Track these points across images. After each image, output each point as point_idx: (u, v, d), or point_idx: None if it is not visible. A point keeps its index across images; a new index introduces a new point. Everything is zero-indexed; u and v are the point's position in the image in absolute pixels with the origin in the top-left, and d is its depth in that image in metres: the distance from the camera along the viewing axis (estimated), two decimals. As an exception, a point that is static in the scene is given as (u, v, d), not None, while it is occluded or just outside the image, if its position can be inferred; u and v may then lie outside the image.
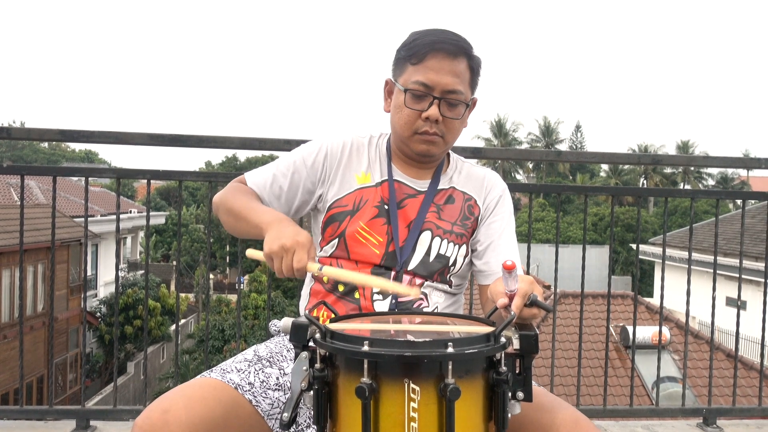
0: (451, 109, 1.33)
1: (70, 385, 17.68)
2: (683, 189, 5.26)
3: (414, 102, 1.32)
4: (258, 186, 1.40)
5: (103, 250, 21.15)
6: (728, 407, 2.71)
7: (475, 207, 1.42)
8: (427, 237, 1.35)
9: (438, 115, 1.31)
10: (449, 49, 1.31)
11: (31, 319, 15.16)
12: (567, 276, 11.46)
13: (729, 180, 44.05)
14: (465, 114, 1.37)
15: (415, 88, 1.31)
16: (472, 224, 1.40)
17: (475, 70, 1.36)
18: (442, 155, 1.42)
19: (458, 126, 1.36)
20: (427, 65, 1.31)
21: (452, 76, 1.31)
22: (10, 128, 2.41)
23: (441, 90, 1.31)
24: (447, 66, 1.31)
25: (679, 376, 8.48)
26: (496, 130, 48.00)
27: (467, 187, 1.44)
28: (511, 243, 1.43)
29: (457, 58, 1.32)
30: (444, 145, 1.36)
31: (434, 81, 1.30)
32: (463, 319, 1.11)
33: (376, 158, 1.42)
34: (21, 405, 2.36)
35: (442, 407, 0.83)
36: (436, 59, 1.31)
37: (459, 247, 1.37)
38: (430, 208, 1.38)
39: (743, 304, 2.64)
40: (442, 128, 1.33)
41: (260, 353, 1.31)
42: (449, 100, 1.32)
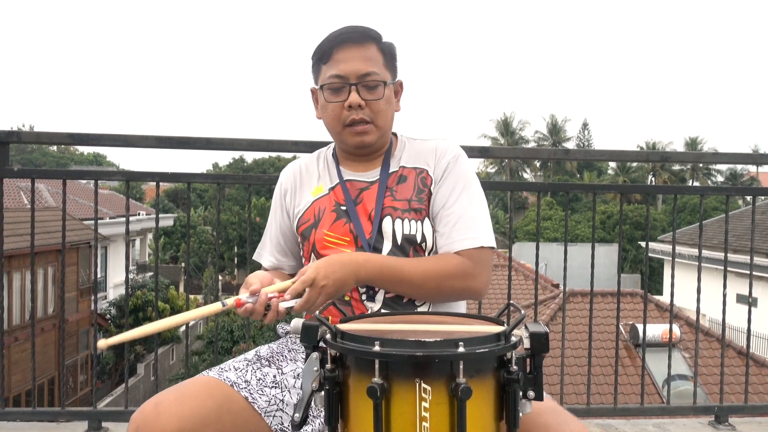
0: (371, 92, 1.35)
1: (81, 387, 17.79)
2: (692, 186, 5.24)
3: (334, 95, 1.36)
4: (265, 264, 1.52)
5: (113, 252, 21.26)
6: (740, 405, 2.70)
7: (427, 178, 1.40)
8: (388, 222, 1.35)
9: (359, 100, 1.34)
10: (354, 38, 1.35)
11: (41, 321, 15.27)
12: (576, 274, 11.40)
13: (738, 176, 43.73)
14: (389, 95, 1.38)
15: (331, 82, 1.35)
16: (427, 195, 1.38)
17: (388, 53, 1.39)
18: (381, 142, 1.41)
19: (385, 107, 1.37)
20: (337, 59, 1.35)
21: (362, 60, 1.34)
22: (20, 132, 2.44)
23: (355, 76, 1.34)
24: (355, 53, 1.34)
25: (690, 374, 8.43)
26: (502, 128, 47.90)
27: (418, 161, 1.42)
28: (461, 206, 1.34)
29: (364, 45, 1.35)
30: (377, 130, 1.37)
31: (346, 70, 1.34)
32: (473, 319, 1.11)
33: (325, 168, 1.46)
34: (33, 407, 2.38)
35: (453, 407, 0.83)
36: (344, 50, 1.34)
37: (422, 222, 1.35)
38: (385, 194, 1.38)
39: (754, 301, 2.62)
40: (369, 113, 1.35)
41: (261, 353, 1.33)
42: (366, 83, 1.34)
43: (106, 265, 21.16)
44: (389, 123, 1.40)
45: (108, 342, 1.04)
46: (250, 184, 2.60)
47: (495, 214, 36.76)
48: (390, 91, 1.39)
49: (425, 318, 1.19)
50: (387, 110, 1.38)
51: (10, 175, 2.33)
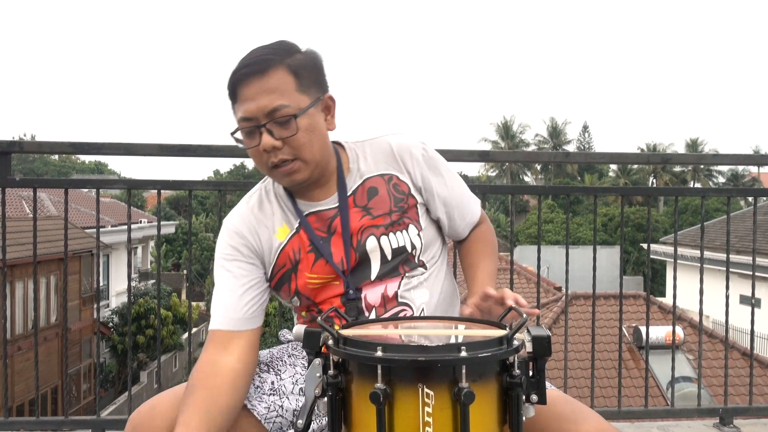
0: (284, 128, 1.19)
1: (84, 395, 17.78)
2: (693, 187, 5.24)
3: (249, 140, 1.22)
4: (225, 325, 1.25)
5: (115, 260, 21.27)
6: (745, 406, 2.69)
7: (400, 184, 1.30)
8: (373, 243, 1.26)
9: (272, 142, 1.19)
10: (255, 69, 1.19)
11: (44, 330, 15.27)
12: (578, 277, 11.45)
13: (740, 177, 43.71)
14: (309, 122, 1.21)
15: (242, 127, 1.22)
16: (407, 202, 1.30)
17: (302, 71, 1.22)
18: (319, 171, 1.26)
19: (306, 139, 1.21)
20: (242, 98, 1.20)
21: (265, 95, 1.18)
22: (22, 142, 2.44)
23: (263, 114, 1.19)
24: (256, 88, 1.19)
25: (694, 375, 8.41)
26: (503, 132, 47.93)
27: (379, 167, 1.31)
28: (464, 198, 1.37)
29: (265, 74, 1.19)
30: (306, 165, 1.22)
31: (252, 110, 1.19)
32: (475, 322, 1.11)
33: (281, 205, 1.32)
34: (37, 416, 2.38)
35: (456, 411, 0.83)
36: (245, 87, 1.20)
37: (407, 231, 1.28)
38: (358, 213, 1.27)
39: (757, 302, 2.61)
40: (289, 151, 1.20)
41: (261, 358, 1.33)
42: (276, 120, 1.19)
43: (108, 273, 21.17)
44: (319, 151, 1.24)
45: None
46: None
47: (496, 217, 36.75)
48: (310, 117, 1.21)
49: (427, 323, 1.19)
50: (311, 140, 1.22)
51: (12, 184, 2.33)
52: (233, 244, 1.29)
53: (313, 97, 1.23)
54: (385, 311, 1.27)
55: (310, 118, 1.22)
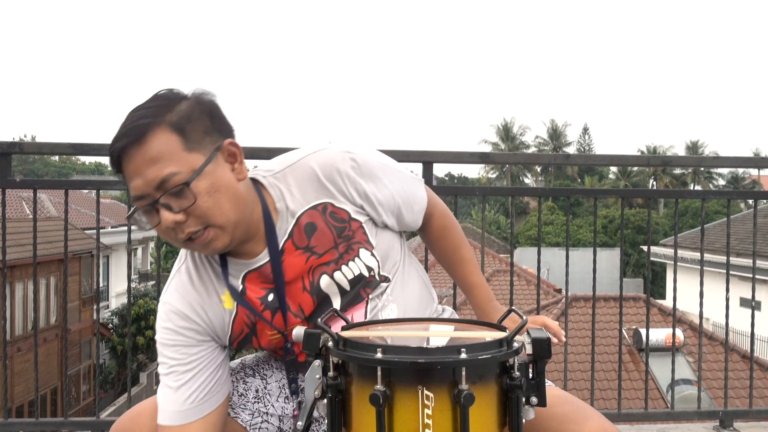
0: (180, 198, 1.04)
1: (83, 397, 17.77)
2: (694, 190, 5.25)
3: (149, 218, 1.08)
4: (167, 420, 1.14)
5: (115, 261, 21.28)
6: (745, 409, 2.68)
7: (338, 211, 1.17)
8: (326, 281, 1.17)
9: (173, 217, 1.04)
10: (131, 141, 1.03)
11: (44, 331, 15.27)
12: (578, 279, 11.43)
13: (740, 179, 43.71)
14: (210, 183, 1.05)
15: (136, 206, 1.07)
16: (350, 227, 1.18)
17: (184, 126, 1.05)
18: (242, 230, 1.11)
19: (212, 202, 1.05)
20: (127, 174, 1.06)
21: (150, 166, 1.03)
22: (22, 143, 2.44)
23: (152, 190, 1.03)
24: (138, 160, 1.03)
25: (694, 378, 8.40)
26: (503, 134, 47.94)
27: (310, 198, 1.16)
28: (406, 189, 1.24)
29: (144, 142, 1.03)
30: (222, 230, 1.07)
31: (139, 187, 1.04)
32: (475, 324, 1.11)
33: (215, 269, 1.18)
34: (36, 417, 2.37)
35: (456, 413, 0.83)
36: (126, 161, 1.05)
37: (359, 257, 1.19)
38: (302, 256, 1.16)
39: (757, 305, 2.61)
40: (197, 221, 1.05)
41: (246, 362, 1.33)
42: (169, 192, 1.03)
43: (108, 274, 21.17)
44: (231, 210, 1.07)
45: None
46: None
47: (497, 219, 36.76)
48: (209, 176, 1.05)
49: (426, 324, 1.19)
50: (217, 202, 1.06)
51: (13, 185, 2.33)
52: (174, 327, 1.16)
53: (207, 151, 1.06)
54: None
55: (210, 176, 1.05)
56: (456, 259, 1.36)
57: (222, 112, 1.12)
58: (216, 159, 1.07)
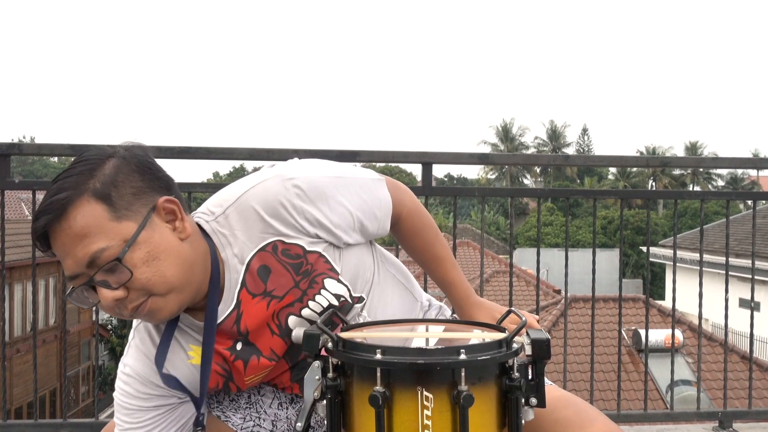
0: (116, 273, 0.95)
1: (82, 398, 17.76)
2: (693, 191, 5.26)
3: (89, 296, 0.99)
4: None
5: (114, 262, 21.28)
6: (744, 410, 2.69)
7: (289, 246, 1.08)
8: (295, 320, 1.11)
9: (113, 294, 0.96)
10: (52, 218, 0.95)
11: (43, 333, 15.27)
12: (577, 280, 11.43)
13: (739, 180, 43.76)
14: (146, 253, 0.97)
15: (70, 286, 0.98)
16: (308, 261, 1.10)
17: (109, 193, 0.96)
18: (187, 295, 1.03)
19: (151, 273, 0.97)
20: (56, 252, 0.98)
21: (76, 243, 0.95)
22: (21, 144, 2.45)
23: (84, 268, 0.96)
24: (64, 238, 0.95)
25: (693, 379, 8.41)
26: (502, 135, 47.98)
27: (255, 239, 1.07)
28: (363, 198, 1.14)
29: (66, 217, 0.94)
30: (167, 298, 0.99)
31: (70, 267, 0.96)
32: (474, 325, 1.11)
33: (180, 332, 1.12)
34: (35, 419, 2.37)
35: (455, 414, 0.83)
36: (53, 239, 0.96)
37: (324, 289, 1.11)
38: (262, 302, 1.09)
39: (757, 305, 2.62)
40: (138, 294, 0.98)
41: None
42: (103, 268, 0.95)
43: (108, 275, 21.17)
44: (176, 275, 0.99)
45: None
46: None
47: (496, 220, 36.78)
48: (144, 244, 0.97)
49: (425, 325, 1.19)
50: (158, 270, 0.97)
51: (11, 186, 2.33)
52: (132, 391, 1.11)
53: (140, 216, 0.98)
54: None
55: (146, 244, 0.97)
56: (430, 257, 1.27)
57: (155, 166, 1.04)
58: (151, 222, 0.99)
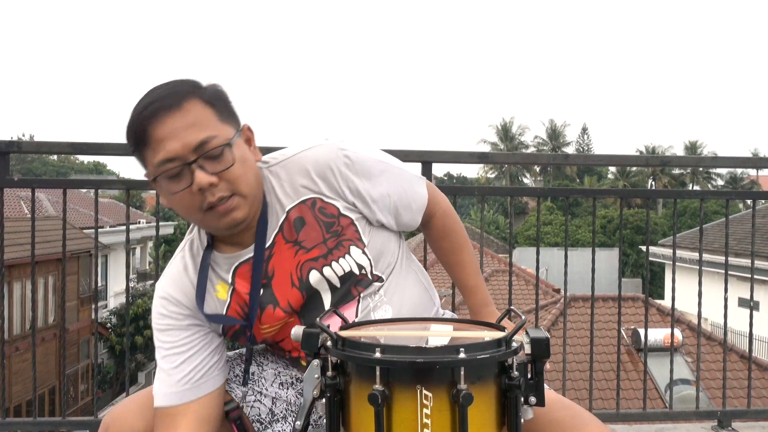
0: (218, 161, 1.08)
1: (81, 396, 17.75)
2: (692, 190, 5.26)
3: (175, 183, 1.08)
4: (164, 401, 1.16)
5: (113, 260, 21.27)
6: (743, 409, 2.69)
7: (327, 206, 1.18)
8: (316, 276, 1.17)
9: (208, 179, 1.06)
10: (167, 104, 1.06)
11: (42, 331, 15.27)
12: (577, 279, 11.46)
13: (738, 180, 43.77)
14: (241, 153, 1.11)
15: (165, 170, 1.07)
16: (340, 223, 1.18)
17: (217, 101, 1.12)
18: (255, 208, 1.14)
19: (242, 171, 1.10)
20: (157, 138, 1.06)
21: (189, 128, 1.06)
22: (20, 142, 2.44)
23: (190, 151, 1.06)
24: (176, 124, 1.06)
25: (693, 378, 8.41)
26: (502, 134, 47.98)
27: (300, 193, 1.18)
28: (404, 188, 1.23)
29: (182, 108, 1.07)
30: (245, 200, 1.11)
31: (174, 149, 1.06)
32: (473, 324, 1.11)
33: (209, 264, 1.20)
34: (34, 417, 2.37)
35: (455, 413, 0.83)
36: (160, 125, 1.06)
37: (349, 254, 1.18)
38: (291, 250, 1.17)
39: (756, 305, 2.62)
40: (226, 186, 1.09)
41: (243, 352, 1.33)
42: (207, 155, 1.07)
43: (107, 273, 21.16)
44: (254, 184, 1.13)
45: None
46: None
47: (495, 219, 36.77)
48: (239, 148, 1.12)
49: (425, 323, 1.19)
50: (246, 172, 1.11)
51: (11, 184, 2.33)
52: (167, 312, 1.19)
53: (234, 127, 1.13)
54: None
55: (239, 148, 1.11)
56: (455, 261, 1.34)
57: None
58: (241, 133, 1.14)
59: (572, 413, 1.13)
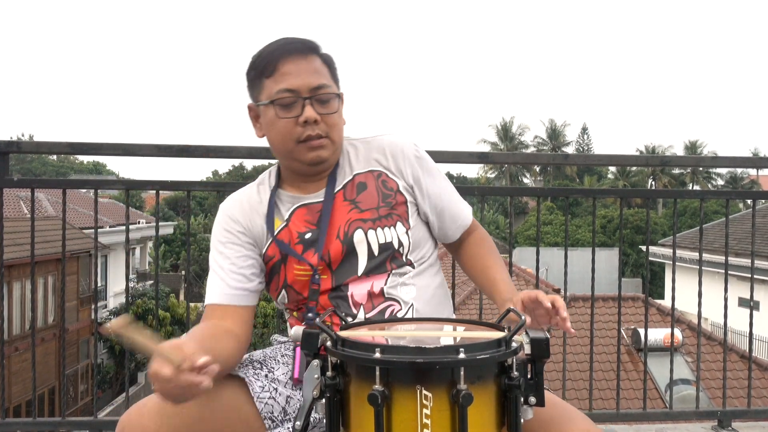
0: (325, 105, 1.28)
1: (81, 396, 17.74)
2: (692, 190, 5.26)
3: (285, 111, 1.26)
4: (219, 299, 1.29)
5: (113, 260, 21.25)
6: (743, 409, 2.69)
7: (389, 180, 1.34)
8: (360, 236, 1.29)
9: (315, 115, 1.26)
10: (299, 49, 1.28)
11: (42, 331, 15.25)
12: (577, 279, 11.44)
13: (738, 179, 43.76)
14: (340, 109, 1.32)
15: (282, 97, 1.25)
16: (395, 198, 1.33)
17: (330, 65, 1.33)
18: (334, 158, 1.33)
19: (338, 121, 1.31)
20: (283, 72, 1.26)
21: (312, 73, 1.27)
22: (20, 142, 2.44)
23: (307, 89, 1.26)
24: (302, 66, 1.27)
25: (693, 378, 8.41)
26: (502, 134, 47.97)
27: (370, 163, 1.36)
28: (454, 200, 1.41)
29: (308, 56, 1.28)
30: (332, 145, 1.30)
31: (296, 83, 1.26)
32: (473, 324, 1.11)
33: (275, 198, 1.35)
34: (34, 417, 2.37)
35: (454, 413, 0.83)
36: (290, 63, 1.26)
37: (394, 228, 1.30)
38: (346, 207, 1.31)
39: (756, 305, 2.62)
40: (324, 128, 1.28)
41: (254, 357, 1.33)
42: (319, 97, 1.27)
43: (107, 273, 21.14)
44: (340, 138, 1.33)
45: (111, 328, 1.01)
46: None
47: (495, 219, 36.77)
48: (341, 105, 1.32)
49: (425, 324, 1.19)
50: (340, 124, 1.32)
51: (10, 184, 2.33)
52: (228, 228, 1.33)
53: (338, 89, 1.32)
54: (372, 308, 1.27)
55: (341, 105, 1.32)
56: (492, 262, 1.38)
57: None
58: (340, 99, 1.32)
59: (560, 411, 1.14)
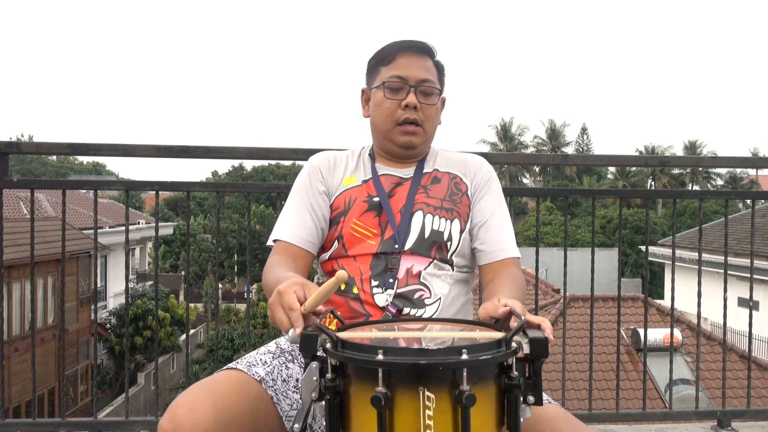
0: (427, 97, 1.45)
1: (81, 397, 17.73)
2: (692, 190, 5.24)
3: (392, 93, 1.45)
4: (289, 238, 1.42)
5: (112, 261, 21.23)
6: (743, 409, 2.69)
7: (461, 183, 1.50)
8: (419, 216, 1.41)
9: (416, 101, 1.43)
10: (416, 47, 1.47)
11: (41, 332, 15.23)
12: (576, 279, 11.46)
13: (738, 179, 43.78)
14: (439, 106, 1.49)
15: (391, 81, 1.45)
16: (461, 199, 1.47)
17: (441, 69, 1.51)
18: (424, 147, 1.50)
19: (434, 114, 1.48)
20: (398, 63, 1.46)
21: (422, 68, 1.46)
22: (19, 143, 2.44)
23: (415, 80, 1.44)
24: (416, 61, 1.46)
25: (692, 378, 8.41)
26: (501, 134, 47.95)
27: (451, 168, 1.53)
28: (503, 222, 1.48)
29: (423, 56, 1.47)
30: (424, 134, 1.46)
31: (407, 73, 1.45)
32: (472, 325, 1.11)
33: (359, 162, 1.52)
34: (34, 418, 2.36)
35: (457, 414, 0.83)
36: (406, 56, 1.46)
37: (451, 222, 1.42)
38: (418, 190, 1.46)
39: (755, 305, 2.62)
40: (421, 116, 1.45)
41: (282, 346, 1.32)
42: (424, 89, 1.45)
43: (106, 274, 21.12)
44: (434, 131, 1.50)
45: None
46: (249, 192, 2.61)
47: (495, 219, 36.69)
48: (440, 102, 1.50)
49: (423, 325, 1.19)
50: (435, 118, 1.49)
51: (10, 185, 2.33)
52: (311, 177, 1.49)
53: (442, 92, 1.51)
54: (406, 284, 1.33)
55: (440, 103, 1.50)
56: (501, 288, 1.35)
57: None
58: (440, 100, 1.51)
59: (570, 424, 1.14)
